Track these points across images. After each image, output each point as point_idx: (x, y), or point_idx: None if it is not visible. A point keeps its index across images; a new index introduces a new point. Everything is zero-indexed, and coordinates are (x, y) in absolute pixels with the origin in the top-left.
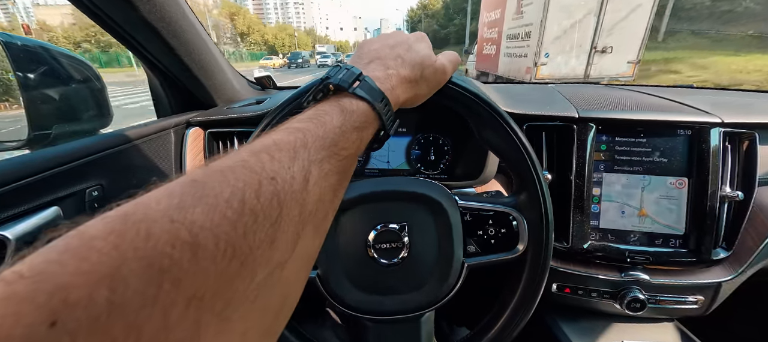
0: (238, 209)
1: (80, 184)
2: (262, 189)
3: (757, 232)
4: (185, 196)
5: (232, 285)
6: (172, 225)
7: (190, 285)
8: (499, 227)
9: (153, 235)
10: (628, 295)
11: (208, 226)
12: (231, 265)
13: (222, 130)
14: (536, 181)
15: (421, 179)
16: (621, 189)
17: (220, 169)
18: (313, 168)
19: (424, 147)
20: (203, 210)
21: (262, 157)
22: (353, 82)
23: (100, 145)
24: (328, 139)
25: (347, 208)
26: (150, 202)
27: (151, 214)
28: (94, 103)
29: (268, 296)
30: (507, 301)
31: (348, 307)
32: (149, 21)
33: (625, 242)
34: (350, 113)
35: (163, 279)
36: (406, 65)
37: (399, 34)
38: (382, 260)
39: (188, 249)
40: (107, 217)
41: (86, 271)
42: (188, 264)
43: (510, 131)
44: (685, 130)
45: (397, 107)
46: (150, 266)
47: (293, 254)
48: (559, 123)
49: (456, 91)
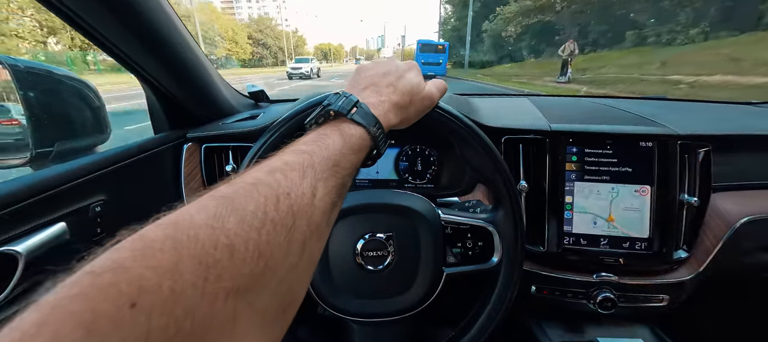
0: (262, 219)
1: (85, 201)
2: (279, 203)
3: (714, 234)
4: (219, 208)
5: (259, 280)
6: (213, 231)
7: (229, 279)
8: (477, 240)
9: (200, 239)
10: (600, 295)
11: (240, 232)
12: (258, 264)
13: (217, 145)
14: (511, 200)
15: (408, 193)
16: (591, 196)
17: (242, 186)
18: (319, 185)
19: (412, 158)
20: (235, 219)
21: (277, 176)
22: (351, 108)
23: (102, 163)
24: (331, 160)
25: (339, 218)
26: (192, 213)
27: (196, 223)
28: (93, 120)
29: (284, 289)
30: (484, 304)
31: (338, 310)
32: (140, 36)
33: (596, 246)
34: (349, 137)
35: (209, 274)
36: (397, 92)
37: (391, 62)
38: (369, 267)
39: (227, 250)
40: (161, 224)
41: (154, 266)
42: (228, 262)
43: (489, 155)
44: (647, 142)
45: (389, 129)
46: (199, 264)
47: (302, 257)
48: (534, 136)
49: (441, 115)
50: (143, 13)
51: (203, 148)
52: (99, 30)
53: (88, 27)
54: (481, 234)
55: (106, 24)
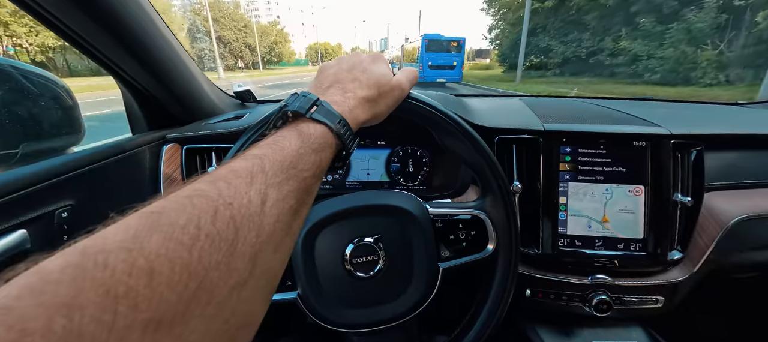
0: (194, 234)
1: (49, 206)
2: (217, 214)
3: (707, 233)
4: (141, 227)
5: (189, 307)
6: (129, 254)
7: (146, 309)
8: (470, 230)
9: (109, 265)
10: (595, 297)
11: (163, 252)
12: (187, 288)
13: (200, 146)
14: (497, 181)
15: (391, 191)
16: (585, 197)
17: (177, 199)
18: (270, 191)
19: (403, 159)
20: (158, 238)
21: (219, 184)
22: (310, 107)
23: (71, 165)
24: (285, 162)
25: (322, 226)
26: (108, 234)
27: (108, 246)
28: (65, 120)
29: (229, 315)
30: (482, 302)
31: (331, 324)
32: (116, 34)
33: (591, 247)
34: (308, 136)
35: (119, 305)
36: (364, 86)
37: (355, 56)
38: (359, 274)
39: (145, 275)
40: (66, 252)
41: (43, 303)
42: (144, 289)
43: (467, 136)
44: (640, 142)
45: (358, 127)
46: (106, 294)
47: (252, 274)
48: (527, 136)
49: (414, 105)
50: (115, 7)
51: (184, 150)
52: (69, 25)
53: (58, 22)
54: (472, 224)
55: (75, 19)
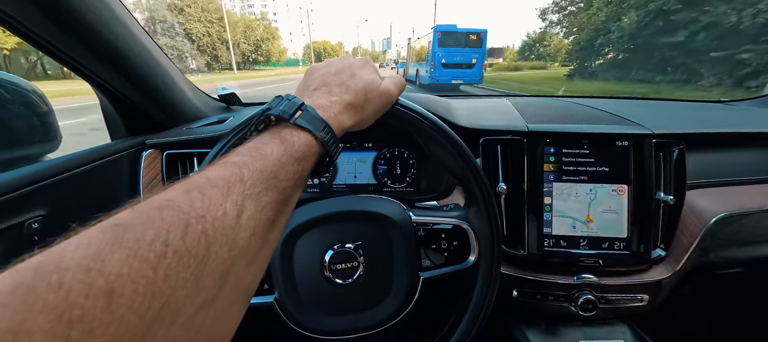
0: (161, 251)
1: (18, 217)
2: (188, 229)
3: (690, 231)
4: (104, 243)
5: (151, 329)
6: (87, 274)
7: (103, 334)
8: (452, 240)
9: (64, 286)
10: (581, 297)
11: (126, 272)
12: (150, 310)
13: (181, 152)
14: (483, 193)
15: (376, 197)
16: (569, 197)
17: (145, 211)
18: (247, 203)
19: (390, 162)
20: (121, 256)
21: (192, 195)
22: (294, 112)
23: (44, 173)
24: (266, 172)
25: (302, 231)
26: (65, 250)
27: (65, 264)
28: (39, 127)
29: (194, 334)
30: (465, 307)
31: (307, 330)
32: (85, 40)
33: (576, 247)
34: (291, 144)
35: (72, 331)
36: (351, 91)
37: (344, 59)
38: (338, 280)
39: (102, 297)
40: (17, 270)
41: None
42: (101, 313)
43: (454, 147)
44: (622, 142)
45: (343, 133)
46: (59, 318)
47: (222, 290)
48: (512, 137)
49: (402, 112)
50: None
51: (164, 155)
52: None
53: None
54: (455, 234)
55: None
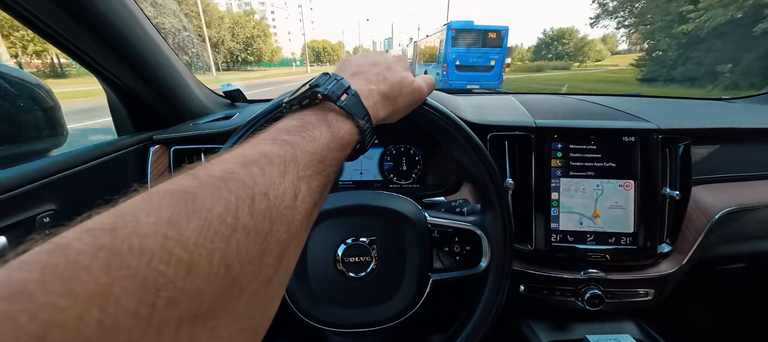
0: (232, 225)
1: (30, 211)
2: (255, 205)
3: (695, 226)
4: (177, 209)
5: (222, 302)
6: (166, 241)
7: (184, 303)
8: (465, 244)
9: (146, 251)
10: (588, 292)
11: (202, 243)
12: (223, 283)
13: (188, 147)
14: (501, 204)
15: (393, 195)
16: (576, 193)
17: (210, 181)
18: (302, 184)
19: (396, 158)
20: (197, 226)
21: (252, 169)
22: (342, 94)
23: (52, 168)
24: (316, 155)
25: (318, 221)
26: (138, 214)
27: (142, 229)
28: (46, 122)
29: (254, 311)
30: (471, 313)
31: (316, 321)
32: (98, 33)
33: (583, 242)
34: (337, 130)
35: (158, 298)
36: (387, 82)
37: (380, 53)
38: (350, 274)
39: (183, 267)
40: (92, 230)
41: (75, 291)
42: (183, 282)
43: (480, 157)
44: (629, 137)
45: (377, 123)
46: (143, 285)
47: (278, 271)
48: (519, 132)
49: (429, 112)
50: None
51: (172, 151)
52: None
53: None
54: (468, 237)
55: (57, 18)
